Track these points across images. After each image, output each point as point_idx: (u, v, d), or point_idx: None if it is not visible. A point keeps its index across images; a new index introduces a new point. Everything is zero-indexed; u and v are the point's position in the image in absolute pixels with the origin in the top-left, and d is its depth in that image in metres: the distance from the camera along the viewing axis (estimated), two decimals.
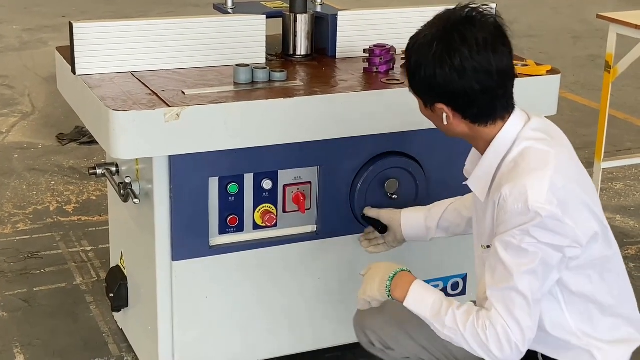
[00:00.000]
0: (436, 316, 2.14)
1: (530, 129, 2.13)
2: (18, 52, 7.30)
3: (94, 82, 2.72)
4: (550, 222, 2.00)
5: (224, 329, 2.85)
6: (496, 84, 2.07)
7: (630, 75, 6.08)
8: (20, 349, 3.21)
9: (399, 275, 2.25)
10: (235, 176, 2.72)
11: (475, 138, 2.17)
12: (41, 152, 5.12)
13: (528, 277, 2.03)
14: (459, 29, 2.05)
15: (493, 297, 2.06)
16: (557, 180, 2.03)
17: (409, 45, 2.14)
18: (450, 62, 2.04)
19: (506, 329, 2.04)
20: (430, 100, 2.14)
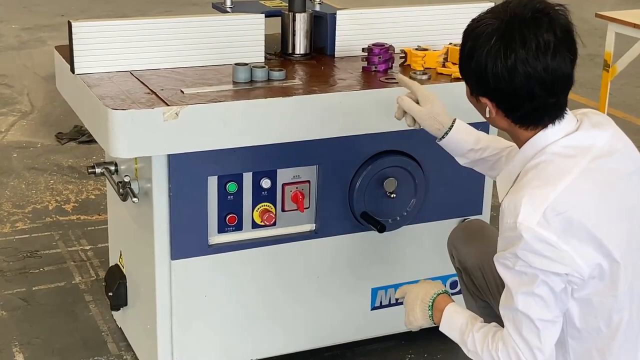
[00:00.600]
0: (461, 340, 2.14)
1: (564, 143, 2.00)
2: (17, 51, 7.29)
3: (92, 81, 2.72)
4: (539, 246, 1.91)
5: (223, 327, 2.86)
6: (547, 94, 1.96)
7: (628, 73, 6.09)
8: (19, 348, 3.21)
9: (436, 300, 2.23)
10: (234, 175, 2.72)
11: (514, 136, 2.09)
12: (40, 151, 5.12)
13: (528, 299, 1.96)
14: (522, 28, 1.93)
15: (505, 317, 2.04)
16: (560, 204, 1.91)
17: (468, 28, 2.03)
18: (504, 61, 1.94)
19: (516, 350, 2.00)
20: (476, 91, 2.06)
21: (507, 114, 2.03)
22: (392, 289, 3.05)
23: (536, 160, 2.00)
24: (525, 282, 1.96)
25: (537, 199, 1.92)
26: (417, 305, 2.25)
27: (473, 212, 3.07)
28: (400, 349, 3.21)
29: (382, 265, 3.01)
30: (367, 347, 3.18)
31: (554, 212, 1.91)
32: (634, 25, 4.49)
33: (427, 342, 3.22)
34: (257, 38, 2.97)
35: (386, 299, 3.06)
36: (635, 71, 6.48)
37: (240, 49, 2.94)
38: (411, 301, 2.28)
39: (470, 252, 2.55)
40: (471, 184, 3.05)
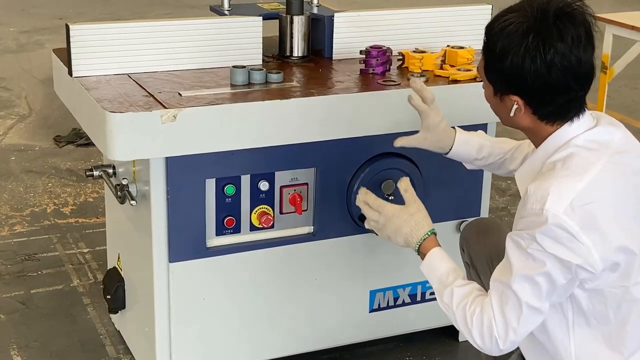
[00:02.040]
0: (438, 288, 2.15)
1: (586, 137, 2.05)
2: (15, 54, 7.29)
3: (90, 84, 2.72)
4: (559, 233, 1.93)
5: (221, 330, 2.86)
6: (579, 86, 2.01)
7: (626, 76, 6.09)
8: (17, 351, 3.21)
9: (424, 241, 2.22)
10: (232, 177, 2.72)
11: (535, 133, 2.11)
12: (38, 154, 5.12)
13: (526, 282, 1.98)
14: (557, 23, 1.96)
15: (493, 287, 2.05)
16: (586, 195, 1.95)
17: (493, 28, 2.04)
18: (544, 56, 1.96)
19: (492, 321, 2.02)
20: (504, 90, 2.06)
21: (537, 110, 2.06)
22: (390, 291, 3.05)
23: (562, 153, 2.04)
24: (530, 266, 1.97)
25: (565, 188, 1.95)
26: (400, 238, 2.25)
27: (471, 214, 3.07)
28: (398, 351, 3.21)
29: (380, 267, 3.01)
30: (365, 349, 3.18)
31: (580, 203, 1.94)
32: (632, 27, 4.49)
33: (426, 344, 3.22)
34: (254, 40, 2.97)
35: (384, 301, 3.06)
36: (633, 73, 6.49)
37: (238, 52, 2.94)
38: (392, 231, 2.26)
39: (481, 247, 2.55)
40: (469, 186, 3.05)
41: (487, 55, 2.08)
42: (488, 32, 2.06)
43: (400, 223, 2.25)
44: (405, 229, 2.24)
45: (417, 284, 3.07)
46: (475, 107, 2.74)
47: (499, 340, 2.02)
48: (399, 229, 2.25)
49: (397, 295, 3.06)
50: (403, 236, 2.24)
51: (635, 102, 6.36)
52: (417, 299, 3.10)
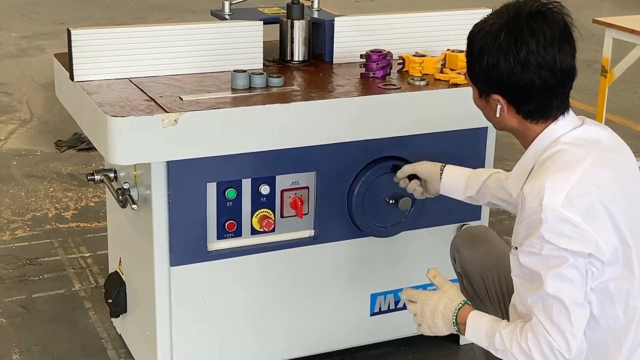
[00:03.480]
0: (489, 342, 2.12)
1: (574, 135, 2.08)
2: (16, 59, 7.30)
3: (91, 89, 2.73)
4: (563, 226, 1.95)
5: (223, 334, 2.86)
6: (557, 83, 2.05)
7: (626, 79, 6.10)
8: (19, 355, 3.21)
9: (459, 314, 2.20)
10: (233, 181, 2.73)
11: (523, 134, 2.14)
12: (39, 158, 5.12)
13: (558, 281, 1.97)
14: (529, 21, 2.02)
15: (533, 306, 2.03)
16: (580, 186, 1.97)
17: (473, 31, 2.11)
18: (516, 53, 2.01)
19: (547, 337, 1.99)
20: (487, 90, 2.11)
21: (519, 108, 2.09)
22: (391, 294, 3.06)
23: (551, 151, 2.07)
24: (554, 264, 1.97)
25: (560, 182, 1.98)
26: (438, 320, 2.23)
27: (472, 217, 3.08)
28: (399, 355, 3.21)
29: (381, 271, 3.01)
30: (366, 353, 3.18)
31: (576, 195, 1.96)
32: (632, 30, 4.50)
33: (427, 348, 3.22)
34: (255, 45, 2.97)
35: (385, 305, 3.06)
36: (633, 77, 6.50)
37: (239, 56, 2.95)
38: (430, 315, 2.24)
39: (473, 257, 2.55)
40: None
41: (467, 58, 2.14)
42: (468, 35, 2.13)
43: (435, 303, 2.25)
44: (440, 306, 2.23)
45: (418, 287, 3.06)
46: (476, 111, 2.73)
47: (563, 351, 1.99)
48: (434, 308, 2.24)
49: (398, 299, 3.07)
50: (440, 314, 2.23)
51: (635, 105, 6.37)
52: None
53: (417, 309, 2.27)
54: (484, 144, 3.03)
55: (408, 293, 2.33)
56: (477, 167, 3.01)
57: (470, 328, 2.16)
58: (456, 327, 2.20)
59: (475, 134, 2.97)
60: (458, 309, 2.20)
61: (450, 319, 2.20)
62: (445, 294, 2.24)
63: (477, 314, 2.18)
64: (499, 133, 3.10)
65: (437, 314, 2.23)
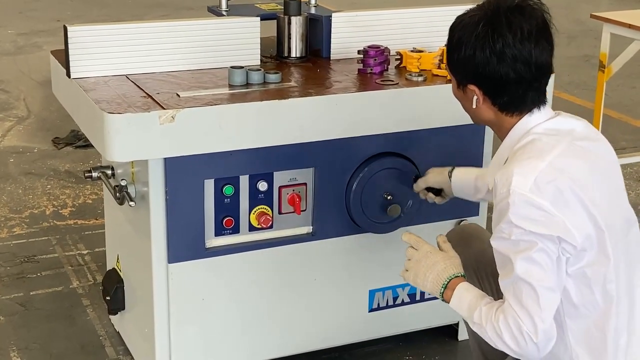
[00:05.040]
0: (469, 314, 2.15)
1: (547, 126, 2.13)
2: (13, 57, 7.29)
3: (88, 85, 2.73)
4: (531, 211, 1.98)
5: (221, 330, 2.86)
6: (532, 77, 2.09)
7: (624, 74, 6.09)
8: (17, 353, 3.21)
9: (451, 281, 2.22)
10: (231, 178, 2.72)
11: (499, 126, 2.19)
12: (37, 156, 5.12)
13: (527, 264, 2.00)
14: (507, 15, 2.07)
15: (505, 290, 2.07)
16: (549, 173, 2.01)
17: (454, 23, 2.16)
18: (492, 45, 2.06)
19: (517, 320, 2.02)
20: (464, 81, 2.16)
21: (494, 100, 2.14)
22: (390, 290, 3.06)
23: (523, 141, 2.12)
24: (523, 248, 2.00)
25: (527, 168, 2.02)
26: (430, 275, 2.25)
27: (470, 213, 3.07)
28: (398, 351, 3.21)
29: (380, 267, 3.01)
30: (364, 349, 3.19)
31: (544, 180, 2.00)
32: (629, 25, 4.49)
33: (425, 344, 3.23)
34: (252, 41, 2.97)
35: (384, 301, 3.06)
36: (631, 72, 6.49)
37: (236, 52, 2.94)
38: (426, 267, 2.26)
39: (466, 256, 2.54)
40: None
41: (447, 48, 2.19)
42: (450, 27, 2.18)
43: (436, 259, 2.26)
44: (440, 265, 2.25)
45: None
46: None
47: (531, 335, 2.01)
48: (434, 264, 2.25)
49: (396, 295, 3.07)
50: (436, 272, 2.24)
51: (633, 100, 6.37)
52: (417, 298, 3.10)
53: (416, 255, 2.29)
54: (482, 139, 3.03)
55: (411, 238, 2.34)
56: (475, 162, 3.02)
57: (457, 297, 2.19)
58: (442, 289, 2.22)
59: (474, 129, 2.97)
60: (455, 276, 2.23)
61: (442, 282, 2.22)
62: (450, 259, 2.27)
63: (467, 286, 2.21)
64: None
65: (433, 271, 2.25)
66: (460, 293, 2.19)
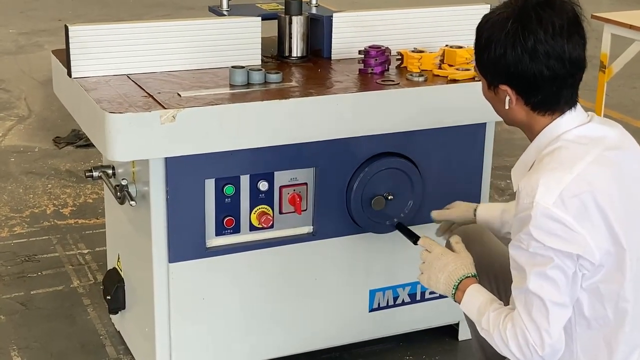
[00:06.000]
0: (478, 318, 2.14)
1: (578, 132, 2.05)
2: (14, 56, 7.29)
3: (89, 85, 2.73)
4: (552, 225, 1.94)
5: (221, 330, 2.86)
6: (566, 73, 2.02)
7: (625, 75, 6.10)
8: (17, 352, 3.21)
9: (463, 282, 2.22)
10: (232, 178, 2.72)
11: (530, 127, 2.12)
12: (38, 155, 5.12)
13: (540, 279, 1.97)
14: (537, 10, 1.99)
15: (516, 298, 2.04)
16: (575, 186, 1.95)
17: (481, 22, 2.09)
18: (524, 42, 1.98)
19: (524, 331, 2.01)
20: (495, 81, 2.08)
21: (527, 99, 2.07)
22: (390, 290, 3.06)
23: (551, 147, 2.05)
24: (539, 262, 1.97)
25: (554, 180, 1.96)
26: (442, 276, 2.24)
27: None
28: (398, 351, 3.21)
29: (380, 267, 3.01)
30: (365, 349, 3.19)
31: (569, 194, 1.95)
32: (630, 26, 4.50)
33: (426, 344, 3.23)
34: (253, 41, 2.97)
35: (384, 301, 3.06)
36: (632, 72, 6.49)
37: (237, 52, 2.94)
38: (438, 268, 2.25)
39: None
40: (468, 185, 3.05)
41: (476, 49, 2.12)
42: (477, 26, 2.11)
43: (447, 261, 2.26)
44: (451, 266, 2.24)
45: (417, 283, 3.06)
46: (474, 107, 2.74)
47: (537, 347, 2.00)
48: (445, 265, 2.25)
49: (396, 295, 3.07)
50: (447, 272, 2.23)
51: (633, 101, 6.37)
52: (417, 298, 3.10)
53: (429, 258, 2.29)
54: (483, 139, 3.03)
55: (427, 242, 2.35)
56: (475, 162, 3.02)
57: (467, 299, 2.18)
58: (454, 290, 2.21)
59: (474, 129, 2.97)
60: (466, 276, 2.22)
61: (454, 282, 2.21)
62: (461, 259, 2.26)
63: (478, 288, 2.19)
64: (498, 129, 3.11)
65: (445, 272, 2.24)
66: (471, 295, 2.18)
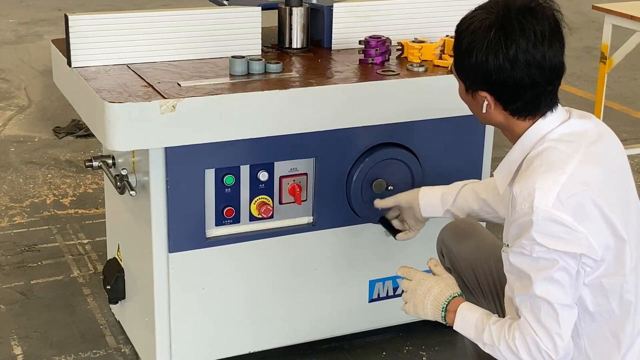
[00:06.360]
0: (477, 336, 2.13)
1: (561, 130, 2.06)
2: (14, 46, 7.28)
3: (89, 75, 2.72)
4: (554, 227, 1.94)
5: (221, 320, 2.86)
6: (545, 81, 2.02)
7: (625, 66, 6.09)
8: (17, 342, 3.22)
9: (450, 303, 2.21)
10: (231, 168, 2.72)
11: (509, 129, 2.12)
12: (38, 145, 5.12)
13: (547, 283, 1.97)
14: (519, 19, 1.98)
15: (521, 305, 2.03)
16: (570, 186, 1.96)
17: (462, 26, 2.07)
18: (506, 51, 1.98)
19: (535, 338, 2.00)
20: (474, 87, 2.08)
21: (506, 105, 2.07)
22: (390, 281, 3.06)
23: (538, 149, 2.05)
24: (544, 267, 1.97)
25: (549, 182, 1.96)
26: (428, 301, 2.23)
27: None
28: (398, 341, 3.22)
29: (380, 257, 3.01)
30: (365, 339, 3.19)
31: (566, 195, 1.95)
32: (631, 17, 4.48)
33: (425, 334, 3.23)
34: (253, 31, 2.97)
35: (384, 291, 3.07)
36: (633, 63, 6.49)
37: (237, 42, 2.94)
38: (422, 294, 2.25)
39: (462, 251, 2.54)
40: (468, 176, 3.04)
41: (455, 53, 2.10)
42: (457, 29, 2.09)
43: (431, 285, 2.25)
44: (436, 290, 2.23)
45: None
46: None
47: (550, 352, 2.00)
48: (429, 289, 2.24)
49: (396, 285, 3.07)
50: (433, 296, 2.23)
51: (634, 92, 6.36)
52: None
53: (411, 286, 2.28)
54: (483, 130, 3.03)
55: (405, 270, 2.33)
56: (476, 152, 3.02)
57: (460, 319, 2.17)
58: (443, 313, 2.20)
59: (474, 120, 2.95)
60: (452, 297, 2.21)
61: (442, 305, 2.20)
62: (443, 280, 2.25)
63: (469, 306, 2.18)
64: None
65: (429, 296, 2.23)
66: (464, 314, 2.17)
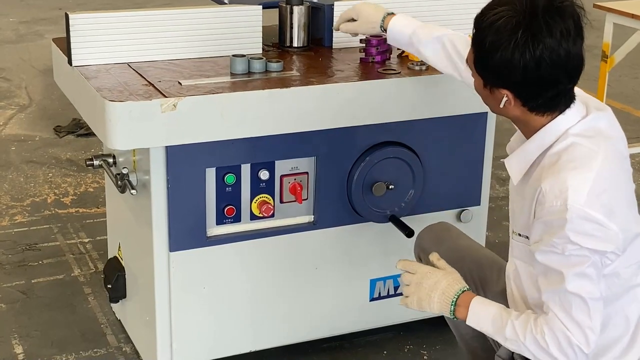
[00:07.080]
0: (496, 330, 2.11)
1: (582, 126, 2.06)
2: (14, 45, 7.28)
3: (90, 73, 2.72)
4: (588, 225, 1.95)
5: (222, 319, 2.86)
6: (568, 78, 2.02)
7: (626, 64, 6.09)
8: (18, 340, 3.22)
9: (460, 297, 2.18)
10: (232, 167, 2.72)
11: (525, 123, 2.11)
12: (38, 144, 5.12)
13: (579, 279, 1.98)
14: (546, 18, 1.96)
15: (550, 301, 2.02)
16: (599, 184, 1.97)
17: (482, 21, 2.03)
18: (532, 51, 1.96)
19: (566, 333, 2.00)
20: (495, 83, 2.06)
21: (526, 102, 2.06)
22: (391, 280, 3.06)
23: (563, 144, 2.04)
24: (575, 263, 1.97)
25: (580, 180, 1.96)
26: (435, 295, 2.19)
27: (471, 202, 3.07)
28: (398, 340, 3.22)
29: (381, 256, 3.01)
30: (365, 338, 3.19)
31: (596, 192, 1.96)
32: (632, 15, 4.48)
33: (426, 333, 3.23)
34: (254, 30, 2.96)
35: (385, 290, 3.06)
36: (634, 62, 6.48)
37: (238, 41, 2.94)
38: (428, 287, 2.20)
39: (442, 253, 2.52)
40: (469, 175, 3.05)
41: (476, 49, 2.08)
42: (477, 25, 2.06)
43: (438, 278, 2.21)
44: (444, 283, 2.20)
45: None
46: (476, 96, 2.73)
47: (582, 346, 2.00)
48: (436, 283, 2.20)
49: (397, 284, 3.07)
50: (441, 290, 2.19)
51: (635, 91, 6.36)
52: None
53: (415, 279, 2.23)
54: (484, 129, 3.03)
55: (406, 264, 2.29)
56: (477, 151, 3.02)
57: (475, 312, 2.14)
58: (453, 307, 2.17)
59: (475, 119, 2.97)
60: (462, 291, 2.18)
61: (451, 299, 2.17)
62: (450, 274, 2.22)
63: (481, 300, 2.16)
64: (499, 118, 3.10)
65: (437, 290, 2.19)
66: (478, 309, 2.14)
